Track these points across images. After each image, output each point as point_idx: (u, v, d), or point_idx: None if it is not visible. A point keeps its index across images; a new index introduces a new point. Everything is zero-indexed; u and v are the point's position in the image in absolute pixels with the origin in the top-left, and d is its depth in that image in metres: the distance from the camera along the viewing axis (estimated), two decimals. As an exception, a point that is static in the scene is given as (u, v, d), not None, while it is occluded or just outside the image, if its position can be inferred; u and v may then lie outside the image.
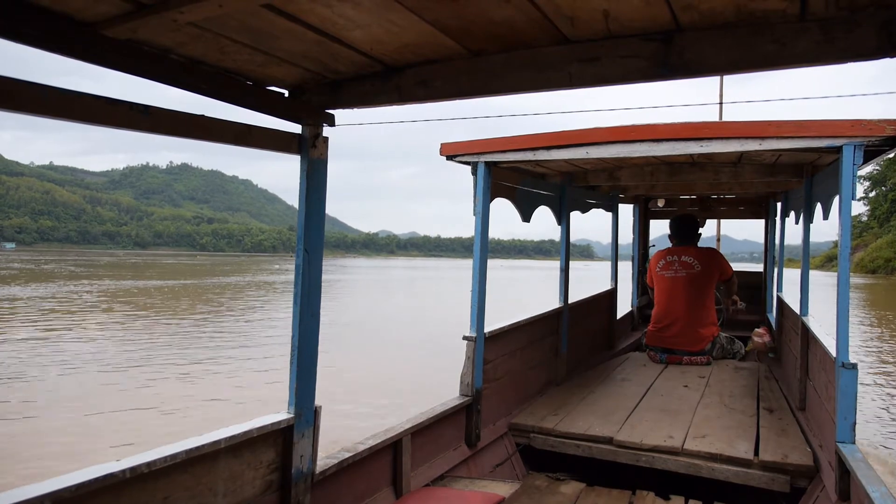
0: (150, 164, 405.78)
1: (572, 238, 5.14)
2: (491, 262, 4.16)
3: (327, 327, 13.36)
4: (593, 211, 5.98)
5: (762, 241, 7.43)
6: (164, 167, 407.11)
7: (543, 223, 4.99)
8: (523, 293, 27.54)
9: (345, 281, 38.18)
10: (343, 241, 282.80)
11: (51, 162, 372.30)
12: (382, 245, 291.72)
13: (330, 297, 23.72)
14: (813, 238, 4.08)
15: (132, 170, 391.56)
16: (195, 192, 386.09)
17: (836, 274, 2.66)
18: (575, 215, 5.08)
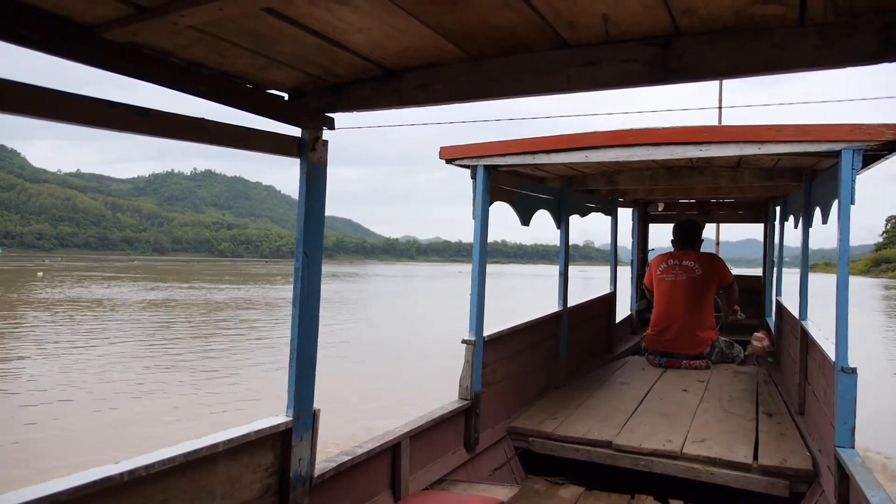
0: (175, 171, 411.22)
1: (598, 243, 5.14)
2: (508, 268, 4.11)
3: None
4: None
5: (792, 245, 7.32)
6: (189, 174, 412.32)
7: (570, 228, 4.98)
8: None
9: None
10: (362, 246, 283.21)
11: (78, 169, 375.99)
12: (402, 250, 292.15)
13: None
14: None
15: (156, 176, 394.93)
16: (218, 199, 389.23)
17: (884, 280, 2.61)
18: (596, 221, 5.05)
